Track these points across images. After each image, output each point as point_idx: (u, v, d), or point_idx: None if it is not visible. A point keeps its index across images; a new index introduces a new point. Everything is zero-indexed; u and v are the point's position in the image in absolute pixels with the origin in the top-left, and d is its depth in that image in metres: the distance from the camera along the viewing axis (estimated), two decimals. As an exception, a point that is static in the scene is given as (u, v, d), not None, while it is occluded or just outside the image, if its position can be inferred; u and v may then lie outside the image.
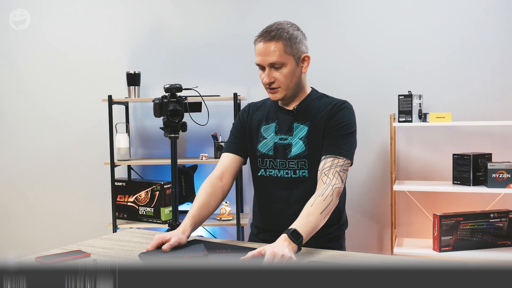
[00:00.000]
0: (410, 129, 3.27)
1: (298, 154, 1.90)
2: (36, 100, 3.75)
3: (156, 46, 3.56)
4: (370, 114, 3.28)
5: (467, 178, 2.97)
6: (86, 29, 3.66)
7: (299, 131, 1.92)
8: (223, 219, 3.23)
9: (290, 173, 1.91)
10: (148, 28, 3.58)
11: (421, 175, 3.26)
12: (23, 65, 3.77)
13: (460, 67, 3.17)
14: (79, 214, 3.71)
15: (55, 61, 3.71)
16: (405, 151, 3.28)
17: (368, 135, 3.30)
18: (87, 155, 3.66)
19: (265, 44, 1.83)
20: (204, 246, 1.68)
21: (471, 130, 3.18)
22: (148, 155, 3.61)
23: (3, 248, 3.69)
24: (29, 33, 3.74)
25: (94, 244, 1.84)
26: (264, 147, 1.96)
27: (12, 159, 3.82)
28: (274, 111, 1.98)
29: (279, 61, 1.84)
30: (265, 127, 1.98)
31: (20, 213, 3.82)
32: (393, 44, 3.26)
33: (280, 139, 1.93)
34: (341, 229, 2.01)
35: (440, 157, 3.22)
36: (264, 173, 1.96)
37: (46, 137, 3.75)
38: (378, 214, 3.33)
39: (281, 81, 1.86)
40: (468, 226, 3.00)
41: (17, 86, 3.79)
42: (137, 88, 3.32)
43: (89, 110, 3.64)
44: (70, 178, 3.71)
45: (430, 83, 3.21)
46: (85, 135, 3.67)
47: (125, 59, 3.59)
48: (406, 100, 3.02)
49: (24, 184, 3.81)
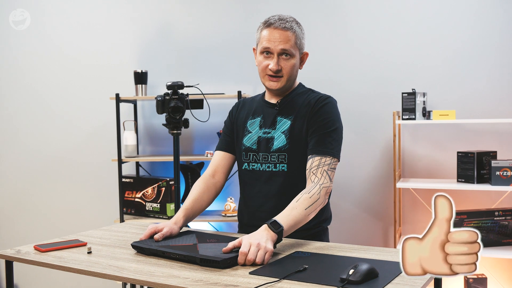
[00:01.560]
0: (415, 127, 3.27)
1: (279, 148, 1.89)
2: (44, 99, 3.85)
3: (164, 45, 3.62)
4: (374, 111, 3.30)
5: (471, 176, 2.96)
6: (95, 29, 3.73)
7: (282, 124, 1.91)
8: (228, 215, 3.27)
9: (271, 167, 1.90)
10: (155, 27, 3.64)
11: (427, 173, 3.26)
12: (30, 65, 3.87)
13: (465, 64, 3.16)
14: (88, 209, 3.78)
15: (64, 60, 3.80)
16: (410, 149, 3.28)
17: (372, 133, 3.31)
18: (96, 153, 3.74)
19: (282, 31, 1.84)
20: (195, 236, 1.72)
21: (476, 127, 3.17)
22: (156, 152, 3.67)
23: (14, 241, 3.77)
24: (36, 33, 3.83)
25: (92, 235, 1.90)
26: (248, 141, 1.97)
27: (22, 157, 3.92)
28: (260, 106, 2.00)
29: (291, 51, 1.86)
30: (251, 121, 1.99)
31: (30, 208, 3.91)
32: (397, 41, 3.26)
33: (264, 133, 1.93)
34: (321, 225, 1.97)
35: (445, 155, 3.21)
36: (247, 166, 1.97)
37: (55, 135, 3.84)
38: (382, 212, 3.34)
39: (286, 71, 1.87)
40: (472, 224, 2.99)
41: (24, 86, 3.89)
42: (144, 87, 3.39)
43: (98, 109, 3.72)
44: (80, 175, 3.80)
45: (435, 80, 3.21)
46: (94, 133, 3.75)
47: (133, 58, 3.66)
48: (409, 97, 3.03)
49: (34, 181, 3.90)
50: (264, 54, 1.87)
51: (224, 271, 1.40)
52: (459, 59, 3.17)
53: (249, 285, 1.28)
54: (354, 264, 1.31)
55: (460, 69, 3.18)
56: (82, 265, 1.49)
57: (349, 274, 1.27)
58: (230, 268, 1.43)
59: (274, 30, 1.85)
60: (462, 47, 3.17)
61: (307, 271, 1.37)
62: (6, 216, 3.99)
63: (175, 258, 1.51)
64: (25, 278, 3.93)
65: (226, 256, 1.44)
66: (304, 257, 1.52)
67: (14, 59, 3.91)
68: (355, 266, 1.29)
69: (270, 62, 1.86)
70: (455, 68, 3.18)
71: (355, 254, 1.56)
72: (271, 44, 1.84)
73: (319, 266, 1.42)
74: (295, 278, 1.32)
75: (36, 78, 3.87)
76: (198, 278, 1.35)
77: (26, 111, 3.90)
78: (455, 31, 3.18)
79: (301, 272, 1.36)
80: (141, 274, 1.39)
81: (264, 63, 1.87)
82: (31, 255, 1.63)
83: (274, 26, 1.85)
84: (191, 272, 1.40)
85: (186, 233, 1.79)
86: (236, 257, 1.45)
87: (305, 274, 1.35)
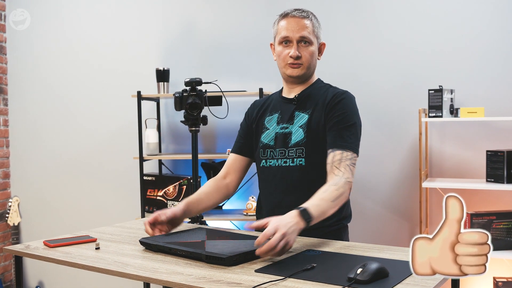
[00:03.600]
0: (443, 125, 3.16)
1: (297, 142, 1.87)
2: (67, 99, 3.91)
3: (186, 43, 3.61)
4: (400, 108, 3.21)
5: (501, 175, 2.84)
6: (117, 28, 3.75)
7: (299, 119, 1.89)
8: (250, 214, 3.23)
9: (289, 162, 1.87)
10: (178, 25, 3.63)
11: (455, 172, 3.15)
12: (51, 66, 3.94)
13: (494, 59, 3.04)
14: (110, 208, 3.80)
15: (85, 60, 3.85)
16: (438, 148, 3.18)
17: (398, 130, 3.22)
18: (118, 151, 3.76)
19: (299, 19, 1.88)
20: (205, 233, 1.69)
21: (506, 125, 3.04)
22: (179, 150, 3.66)
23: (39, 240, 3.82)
24: (54, 32, 3.90)
25: (104, 231, 1.89)
26: (266, 138, 1.95)
27: (45, 157, 3.99)
28: (278, 102, 1.99)
29: (310, 38, 1.88)
30: (268, 118, 1.98)
31: (54, 207, 3.96)
32: (424, 36, 3.16)
33: (282, 128, 1.91)
34: (341, 222, 1.92)
35: (474, 154, 3.10)
36: (265, 163, 1.94)
37: (78, 135, 3.89)
38: (408, 212, 3.24)
39: (306, 58, 1.88)
40: (502, 225, 2.87)
41: (45, 87, 3.97)
42: (166, 84, 3.38)
43: (120, 107, 3.73)
44: (102, 173, 3.82)
45: (463, 76, 3.09)
46: (117, 131, 3.77)
47: (155, 56, 3.66)
48: (436, 94, 2.93)
49: (57, 180, 3.95)
50: (283, 44, 1.89)
51: (229, 268, 1.36)
52: (488, 54, 3.05)
53: (252, 283, 1.23)
54: (363, 263, 1.25)
55: (489, 64, 3.05)
56: (87, 261, 1.47)
57: (357, 273, 1.21)
58: (237, 266, 1.38)
59: (291, 19, 1.88)
60: (491, 41, 3.05)
61: (315, 270, 1.31)
62: (31, 215, 4.05)
63: (181, 254, 1.48)
64: (52, 277, 3.97)
65: (232, 253, 1.40)
66: (314, 255, 1.47)
67: (34, 59, 3.97)
68: (364, 265, 1.23)
69: (290, 50, 1.87)
70: (484, 63, 3.06)
71: (369, 253, 1.49)
72: (289, 32, 1.86)
73: (329, 265, 1.37)
74: (301, 277, 1.27)
75: (55, 79, 3.93)
76: (202, 275, 1.31)
77: (48, 112, 3.96)
78: (484, 26, 3.06)
79: (309, 271, 1.31)
80: (145, 270, 1.37)
81: (285, 52, 1.88)
82: (39, 251, 1.62)
83: (291, 15, 1.89)
84: (196, 269, 1.36)
85: (197, 230, 1.76)
86: (243, 254, 1.41)
87: (312, 272, 1.30)
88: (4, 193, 4.04)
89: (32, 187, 4.04)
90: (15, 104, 4.06)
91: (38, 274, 4.04)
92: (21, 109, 4.05)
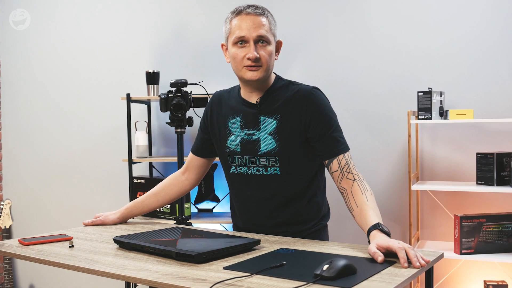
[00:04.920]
0: (434, 127, 3.15)
1: (269, 151, 1.75)
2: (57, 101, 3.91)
3: (176, 46, 3.61)
4: (390, 111, 3.19)
5: (491, 177, 2.82)
6: (108, 31, 3.76)
7: (266, 125, 1.76)
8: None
9: (262, 171, 1.77)
10: (168, 28, 3.63)
11: (447, 175, 3.13)
12: (41, 67, 3.95)
13: (484, 61, 3.03)
14: (101, 210, 3.75)
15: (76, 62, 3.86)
16: (430, 151, 3.16)
17: (388, 133, 3.21)
18: (109, 153, 3.75)
19: (255, 16, 1.71)
20: (180, 232, 1.68)
21: (496, 127, 3.03)
22: (170, 153, 3.65)
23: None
24: (44, 34, 3.91)
25: (82, 230, 1.88)
26: (232, 143, 1.83)
27: (36, 159, 3.99)
28: (238, 104, 1.83)
29: (267, 37, 1.72)
30: (232, 121, 1.84)
31: (44, 209, 3.96)
32: (413, 39, 3.15)
33: (247, 135, 1.79)
34: (320, 223, 1.86)
35: (465, 156, 3.08)
36: (235, 170, 1.83)
37: (69, 137, 3.89)
38: (400, 215, 3.22)
39: (265, 59, 1.72)
40: (492, 228, 2.85)
41: (37, 88, 3.98)
42: (156, 87, 3.37)
43: (110, 109, 3.74)
44: (93, 176, 3.82)
45: (453, 79, 3.08)
46: (107, 133, 3.77)
47: (146, 59, 3.66)
48: (425, 96, 2.92)
49: (48, 182, 3.95)
50: (238, 45, 1.72)
51: (198, 265, 1.35)
52: (478, 56, 3.04)
53: (218, 279, 1.22)
54: (330, 260, 1.23)
55: (479, 67, 3.04)
56: (58, 258, 1.47)
57: (323, 269, 1.20)
58: (207, 263, 1.37)
59: (246, 17, 1.71)
60: (481, 44, 3.04)
61: (284, 267, 1.30)
62: (22, 217, 4.05)
63: (153, 252, 1.47)
64: (43, 279, 3.96)
65: (202, 250, 1.39)
66: (286, 253, 1.45)
67: (26, 60, 3.99)
68: (331, 262, 1.22)
69: (247, 51, 1.70)
70: (473, 66, 3.05)
71: (344, 252, 1.48)
72: (245, 32, 1.70)
73: (299, 263, 1.35)
74: (268, 274, 1.25)
75: (47, 80, 3.93)
76: (169, 272, 1.30)
77: (40, 114, 3.96)
78: (473, 28, 3.05)
79: (277, 268, 1.29)
80: (113, 267, 1.36)
81: (241, 54, 1.72)
82: (13, 248, 1.61)
83: (245, 12, 1.72)
84: (165, 267, 1.35)
85: (173, 229, 1.75)
86: (214, 252, 1.40)
87: (280, 270, 1.28)
88: (-4, 196, 4.04)
89: (23, 190, 4.03)
90: (7, 107, 4.06)
91: (30, 277, 4.03)
92: (13, 112, 4.05)
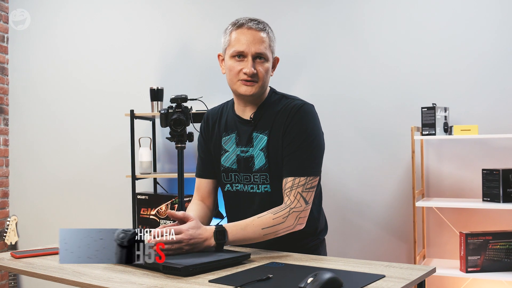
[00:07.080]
0: (439, 143, 3.11)
1: (260, 168, 1.74)
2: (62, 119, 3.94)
3: (181, 63, 3.63)
4: (394, 127, 3.17)
5: (497, 194, 2.77)
6: (113, 48, 3.80)
7: (258, 141, 1.76)
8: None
9: (255, 188, 1.76)
10: (173, 45, 3.66)
11: (453, 191, 3.08)
12: (45, 83, 3.99)
13: (488, 77, 3.00)
14: (102, 225, 3.78)
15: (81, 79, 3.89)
16: (435, 167, 3.12)
17: (393, 149, 3.17)
18: (113, 169, 3.76)
19: (256, 32, 1.70)
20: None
21: (502, 143, 2.98)
22: (175, 170, 3.65)
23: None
24: (47, 49, 3.96)
25: (76, 244, 1.87)
26: (227, 161, 1.82)
27: (41, 175, 4.00)
28: (233, 121, 1.83)
29: (266, 54, 1.71)
30: (225, 138, 1.83)
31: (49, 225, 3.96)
32: (417, 55, 3.14)
33: (242, 152, 1.78)
34: (317, 238, 1.84)
35: (471, 173, 3.03)
36: (230, 188, 1.82)
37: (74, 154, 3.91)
38: (406, 233, 3.17)
39: (262, 75, 1.71)
40: (499, 246, 2.79)
41: (40, 104, 4.01)
42: (160, 103, 3.39)
43: (115, 126, 3.75)
44: (97, 192, 3.82)
45: (458, 95, 3.05)
46: (112, 149, 3.78)
47: (150, 75, 3.68)
48: (429, 112, 2.89)
49: (52, 199, 3.96)
50: (236, 58, 1.71)
51: (184, 278, 1.33)
52: (483, 72, 3.01)
53: (202, 292, 1.21)
54: (314, 273, 1.21)
55: (484, 83, 3.01)
56: (47, 271, 1.46)
57: (307, 283, 1.18)
58: (193, 276, 1.35)
59: (247, 31, 1.70)
60: (485, 60, 3.01)
61: (270, 281, 1.28)
62: (27, 233, 4.05)
63: (141, 265, 1.46)
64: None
65: (188, 263, 1.37)
66: (275, 267, 1.43)
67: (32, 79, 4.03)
68: (315, 275, 1.20)
69: (244, 66, 1.70)
70: (478, 82, 3.02)
71: (335, 266, 1.45)
72: (244, 47, 1.69)
73: (286, 276, 1.33)
74: (253, 287, 1.23)
75: (53, 98, 3.96)
76: (153, 285, 1.28)
77: (46, 131, 3.99)
78: (477, 43, 3.03)
79: (263, 281, 1.27)
80: (99, 279, 1.34)
81: (237, 67, 1.71)
82: (4, 261, 1.61)
83: (247, 27, 1.70)
84: (151, 279, 1.34)
85: (165, 243, 1.73)
86: (201, 265, 1.38)
87: (265, 283, 1.26)
88: (2, 212, 4.06)
89: (29, 206, 4.05)
90: (15, 124, 4.11)
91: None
92: (20, 129, 4.09)
